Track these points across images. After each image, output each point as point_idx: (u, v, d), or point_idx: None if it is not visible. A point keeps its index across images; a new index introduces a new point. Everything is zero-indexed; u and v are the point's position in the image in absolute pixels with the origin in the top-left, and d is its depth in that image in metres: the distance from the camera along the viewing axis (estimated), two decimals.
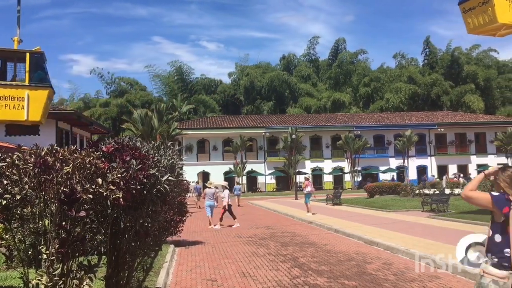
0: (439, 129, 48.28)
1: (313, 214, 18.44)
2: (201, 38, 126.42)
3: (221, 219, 16.11)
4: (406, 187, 27.02)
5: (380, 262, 8.75)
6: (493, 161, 46.59)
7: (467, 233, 10.67)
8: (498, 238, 3.20)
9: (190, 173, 45.47)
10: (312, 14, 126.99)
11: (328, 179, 48.44)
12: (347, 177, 47.88)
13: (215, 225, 15.77)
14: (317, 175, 48.76)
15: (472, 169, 47.26)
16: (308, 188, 19.07)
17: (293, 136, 41.80)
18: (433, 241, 10.53)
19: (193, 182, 32.16)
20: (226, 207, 15.87)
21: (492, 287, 3.13)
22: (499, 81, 66.27)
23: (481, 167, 46.61)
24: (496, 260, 3.16)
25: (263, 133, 47.95)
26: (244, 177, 46.28)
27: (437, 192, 19.96)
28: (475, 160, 48.56)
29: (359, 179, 46.69)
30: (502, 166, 3.74)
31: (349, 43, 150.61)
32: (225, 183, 17.90)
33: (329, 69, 72.87)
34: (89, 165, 3.71)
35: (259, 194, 42.58)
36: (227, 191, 16.24)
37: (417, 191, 24.42)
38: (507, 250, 3.13)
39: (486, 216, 13.66)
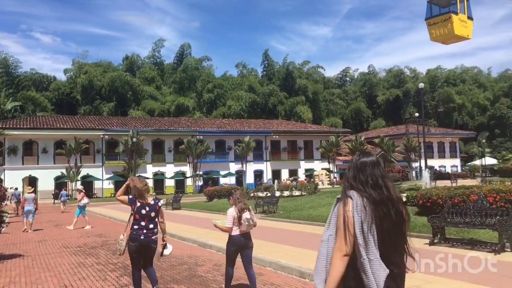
0: (274, 136, 52.09)
1: (83, 227, 16.92)
2: (34, 28, 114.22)
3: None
4: (242, 190, 28.38)
5: (212, 264, 8.99)
6: (318, 166, 52.23)
7: (291, 232, 11.63)
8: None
9: (14, 178, 40.49)
10: (158, 16, 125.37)
11: (170, 183, 48.13)
12: (189, 182, 48.25)
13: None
14: (159, 180, 48.05)
15: (301, 173, 52.14)
16: (85, 200, 17.38)
17: (134, 139, 40.51)
18: (261, 241, 11.23)
19: (11, 188, 28.74)
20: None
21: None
22: (325, 95, 74.64)
23: (308, 171, 51.86)
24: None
25: (102, 136, 45.33)
26: (79, 182, 43.06)
27: (269, 194, 21.43)
28: (303, 165, 53.71)
29: (201, 183, 47.53)
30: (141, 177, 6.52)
31: (195, 49, 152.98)
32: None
33: (174, 73, 72.70)
34: None
35: (95, 200, 39.99)
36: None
37: (251, 194, 25.86)
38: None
39: (307, 214, 15.06)
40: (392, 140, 48.79)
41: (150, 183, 47.28)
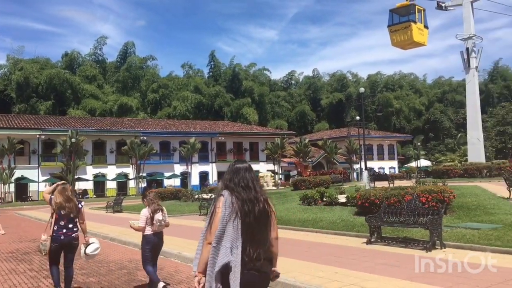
0: (220, 138, 51.94)
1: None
2: None
3: None
4: (187, 192, 28.09)
5: None
6: (264, 167, 52.72)
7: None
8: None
9: None
10: (101, 13, 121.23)
11: (111, 185, 46.61)
12: (131, 183, 46.99)
13: None
14: (99, 182, 46.40)
15: None
16: None
17: (73, 140, 38.90)
18: None
19: None
20: None
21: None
22: (270, 97, 75.49)
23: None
24: None
25: (38, 135, 43.06)
26: (12, 185, 40.71)
27: (214, 196, 21.33)
28: None
29: (144, 185, 46.43)
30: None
31: (139, 48, 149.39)
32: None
33: (117, 72, 70.54)
34: None
35: (30, 203, 37.93)
36: None
37: (196, 196, 25.64)
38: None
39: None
40: (335, 142, 50.17)
41: (90, 185, 45.58)
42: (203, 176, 50.94)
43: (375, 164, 55.89)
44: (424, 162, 57.60)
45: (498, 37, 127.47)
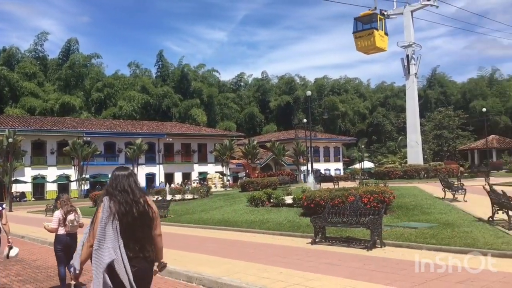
0: (167, 139, 51.11)
1: None
2: None
3: None
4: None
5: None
6: (212, 169, 52.48)
7: (181, 236, 11.46)
8: None
9: None
10: (42, 8, 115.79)
11: (51, 187, 44.49)
12: (73, 186, 45.14)
13: None
14: (38, 184, 44.21)
15: (194, 176, 51.88)
16: None
17: (11, 140, 36.80)
18: None
19: None
20: None
21: None
22: (219, 99, 75.29)
23: (202, 174, 51.81)
24: None
25: None
26: None
27: (160, 198, 20.99)
28: (197, 168, 53.55)
29: (87, 187, 44.78)
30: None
31: (83, 45, 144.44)
32: None
33: (59, 69, 67.49)
34: None
35: None
36: None
37: None
38: None
39: (198, 218, 14.94)
40: (283, 144, 50.85)
41: (29, 187, 43.34)
42: (150, 178, 49.90)
43: (321, 166, 57.19)
44: (367, 164, 59.68)
45: (436, 46, 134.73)
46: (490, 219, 10.99)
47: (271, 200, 17.11)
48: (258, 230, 12.49)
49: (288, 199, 16.69)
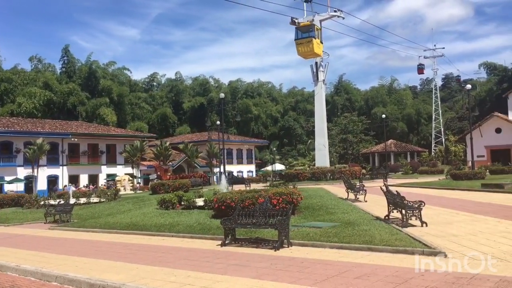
0: (72, 139, 48.16)
1: None
2: None
3: None
4: (31, 198, 25.34)
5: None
6: (121, 171, 50.46)
7: (85, 241, 10.92)
8: None
9: None
10: None
11: None
12: None
13: None
14: None
15: (102, 179, 49.50)
16: None
17: None
18: (49, 253, 10.25)
19: None
20: None
21: None
22: (130, 98, 72.64)
23: (110, 177, 49.65)
24: None
25: None
26: None
27: (63, 202, 19.73)
28: (105, 170, 51.12)
29: None
30: None
31: None
32: None
33: None
34: None
35: None
36: None
37: (42, 202, 23.35)
38: None
39: (104, 222, 14.38)
40: (196, 146, 50.39)
41: None
42: (52, 180, 46.62)
43: (234, 168, 57.66)
44: (279, 166, 61.39)
45: (343, 55, 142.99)
46: (386, 217, 11.89)
47: (182, 203, 16.89)
48: (168, 234, 12.27)
49: (200, 202, 16.60)
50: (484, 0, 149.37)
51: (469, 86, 35.99)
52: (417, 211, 10.84)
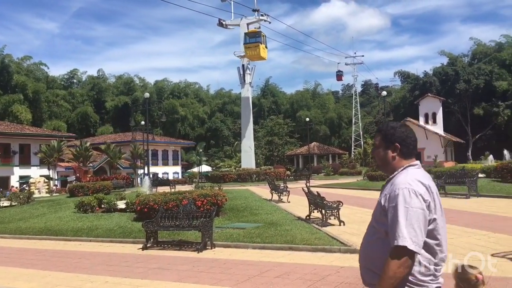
0: None
1: None
2: None
3: None
4: None
5: None
6: (36, 173, 47.33)
7: None
8: None
9: None
10: None
11: None
12: None
13: None
14: None
15: (14, 181, 46.11)
16: None
17: None
18: None
19: None
20: None
21: None
22: (47, 95, 68.35)
23: (23, 178, 46.39)
24: None
25: None
26: None
27: None
28: (18, 172, 47.59)
29: None
30: None
31: None
32: None
33: None
34: None
35: None
36: None
37: None
38: None
39: (14, 227, 13.43)
40: (119, 146, 48.61)
41: None
42: None
43: (160, 169, 56.44)
44: (205, 168, 61.04)
45: (270, 58, 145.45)
46: (308, 217, 12.31)
47: (103, 206, 16.23)
48: (86, 238, 11.73)
49: (121, 204, 16.05)
50: (400, 12, 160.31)
51: (384, 93, 38.39)
52: (335, 210, 11.34)
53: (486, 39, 73.63)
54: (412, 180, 2.17)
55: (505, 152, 32.99)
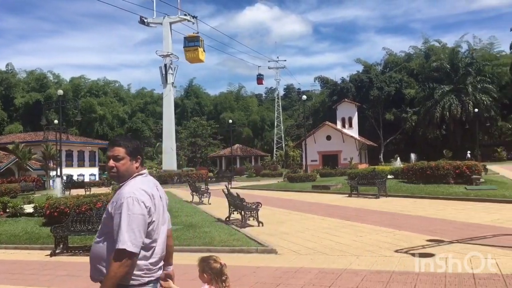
0: None
1: None
2: None
3: None
4: None
5: None
6: None
7: None
8: None
9: None
10: None
11: None
12: None
13: None
14: None
15: None
16: None
17: None
18: None
19: None
20: None
21: None
22: None
23: None
24: None
25: None
26: None
27: None
28: None
29: None
30: None
31: None
32: None
33: None
34: None
35: None
36: None
37: None
38: None
39: None
40: (29, 147, 45.37)
41: None
42: None
43: (75, 171, 53.49)
44: None
45: None
46: (227, 219, 12.34)
47: (8, 210, 15.05)
48: None
49: (29, 208, 15.00)
50: (321, 20, 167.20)
51: (304, 97, 39.75)
52: (254, 212, 11.50)
53: (397, 50, 79.23)
54: (136, 190, 2.46)
55: (412, 155, 35.63)
